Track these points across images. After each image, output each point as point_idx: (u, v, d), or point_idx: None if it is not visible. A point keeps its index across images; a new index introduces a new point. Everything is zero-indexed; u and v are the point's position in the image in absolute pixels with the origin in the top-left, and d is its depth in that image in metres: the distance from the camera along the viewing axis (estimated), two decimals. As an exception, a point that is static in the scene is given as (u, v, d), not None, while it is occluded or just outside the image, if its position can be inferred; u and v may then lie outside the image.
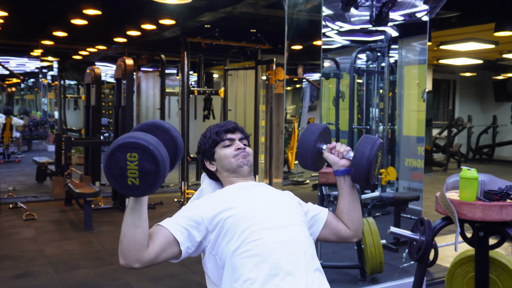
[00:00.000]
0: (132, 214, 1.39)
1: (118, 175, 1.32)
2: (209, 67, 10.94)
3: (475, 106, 13.88)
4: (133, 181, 1.32)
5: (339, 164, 1.70)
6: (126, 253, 1.39)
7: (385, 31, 5.16)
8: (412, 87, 5.44)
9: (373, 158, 1.62)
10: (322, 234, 1.74)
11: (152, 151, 1.32)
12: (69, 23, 6.32)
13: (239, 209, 1.55)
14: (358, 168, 1.63)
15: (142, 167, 1.32)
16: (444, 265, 4.17)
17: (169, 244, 1.47)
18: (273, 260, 1.47)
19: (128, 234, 1.39)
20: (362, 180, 1.66)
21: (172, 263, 4.16)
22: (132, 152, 1.31)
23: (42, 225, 5.45)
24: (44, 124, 11.46)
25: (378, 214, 5.38)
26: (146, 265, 1.43)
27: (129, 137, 1.33)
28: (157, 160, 1.32)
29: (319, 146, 1.73)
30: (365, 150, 1.62)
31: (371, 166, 1.62)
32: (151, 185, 1.34)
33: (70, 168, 6.28)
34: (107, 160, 1.32)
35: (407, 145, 5.54)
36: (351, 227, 1.76)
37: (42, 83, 12.16)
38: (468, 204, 2.42)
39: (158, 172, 1.33)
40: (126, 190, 1.33)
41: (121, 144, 1.32)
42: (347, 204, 1.75)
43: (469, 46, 7.69)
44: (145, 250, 1.41)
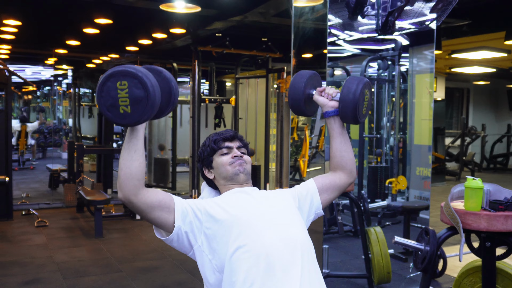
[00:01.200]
0: (128, 147, 1.46)
1: (110, 105, 1.38)
2: (222, 75, 11.00)
3: (489, 115, 13.74)
4: (125, 109, 1.38)
5: (328, 105, 1.75)
6: (123, 186, 1.46)
7: (396, 40, 5.15)
8: (423, 96, 5.41)
9: (360, 94, 1.66)
10: (323, 200, 1.77)
11: (141, 77, 1.38)
12: (82, 32, 6.41)
13: (238, 211, 1.58)
14: (345, 104, 1.68)
15: (132, 94, 1.38)
16: (453, 275, 4.12)
17: (168, 208, 1.53)
18: (270, 260, 1.49)
19: (124, 167, 1.45)
20: (349, 116, 1.69)
21: (179, 270, 4.18)
22: (122, 80, 1.37)
23: (53, 232, 5.50)
24: (59, 131, 11.59)
25: (388, 223, 5.35)
26: (141, 206, 1.49)
27: (118, 67, 1.39)
28: (146, 86, 1.38)
29: (310, 91, 1.78)
30: (351, 86, 1.67)
31: (358, 102, 1.66)
32: (142, 112, 1.39)
33: (81, 175, 6.35)
34: (99, 91, 1.39)
35: (418, 154, 5.50)
36: (346, 169, 1.78)
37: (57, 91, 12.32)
38: (473, 214, 2.41)
39: (148, 98, 1.38)
40: (119, 119, 1.40)
41: (110, 73, 1.38)
42: (338, 145, 1.78)
43: (481, 54, 7.63)
44: (142, 188, 1.48)
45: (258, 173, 6.93)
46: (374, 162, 5.78)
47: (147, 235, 5.44)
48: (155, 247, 4.96)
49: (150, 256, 4.67)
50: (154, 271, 4.22)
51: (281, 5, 5.16)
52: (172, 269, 4.29)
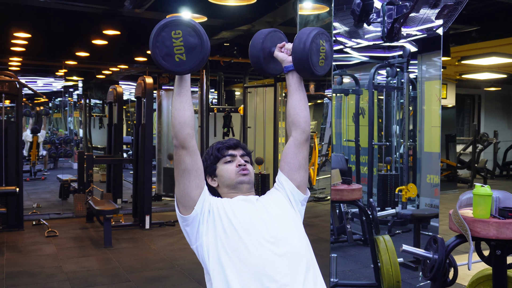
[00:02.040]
0: (180, 97, 1.54)
1: (165, 54, 1.43)
2: (231, 84, 11.03)
3: (501, 121, 13.60)
4: (180, 57, 1.44)
5: (287, 60, 1.73)
6: (179, 134, 1.53)
7: (404, 47, 5.12)
8: (433, 103, 5.37)
9: (310, 43, 1.62)
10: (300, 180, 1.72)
11: (194, 25, 1.44)
12: (91, 43, 6.48)
13: (240, 220, 1.58)
14: (297, 54, 1.64)
15: (187, 41, 1.43)
16: (464, 284, 4.06)
17: (200, 182, 1.61)
18: (269, 273, 1.49)
19: (178, 117, 1.53)
20: (305, 68, 1.66)
21: (188, 279, 4.16)
22: (176, 30, 1.42)
23: (63, 242, 5.52)
24: (70, 142, 11.67)
25: (398, 232, 5.29)
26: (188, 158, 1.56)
27: (170, 17, 1.44)
28: (200, 33, 1.44)
29: (271, 48, 1.76)
30: (302, 36, 1.65)
31: (310, 52, 1.63)
32: (197, 59, 1.45)
33: (91, 185, 6.38)
34: (154, 42, 1.43)
35: (429, 162, 5.45)
36: (299, 128, 1.73)
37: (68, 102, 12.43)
38: (482, 222, 2.37)
39: (203, 44, 1.45)
40: (175, 67, 1.45)
41: (164, 24, 1.42)
42: (294, 102, 1.74)
43: (491, 60, 7.58)
44: (194, 141, 1.57)
45: (267, 182, 6.92)
46: (384, 170, 5.74)
47: (156, 244, 5.43)
48: (164, 256, 4.95)
49: (159, 265, 4.66)
50: (163, 281, 4.21)
51: (288, 13, 5.17)
52: (181, 278, 4.28)
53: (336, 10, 3.74)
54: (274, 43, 1.77)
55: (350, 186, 3.86)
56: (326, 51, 1.70)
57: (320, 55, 1.68)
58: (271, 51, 1.76)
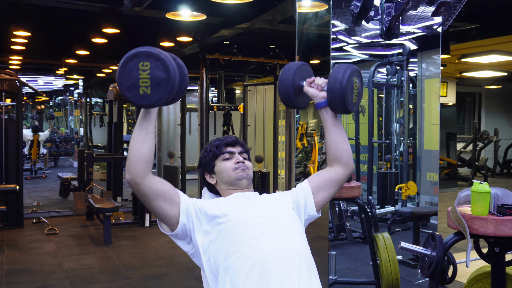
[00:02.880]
0: (140, 130, 1.47)
1: (131, 85, 1.38)
2: (231, 83, 11.02)
3: (502, 119, 13.59)
4: (145, 90, 1.38)
5: (319, 96, 1.72)
6: (132, 168, 1.46)
7: (404, 44, 5.12)
8: (433, 101, 5.37)
9: (346, 82, 1.62)
10: (320, 200, 1.73)
11: (164, 59, 1.38)
12: (90, 41, 6.47)
13: (237, 215, 1.58)
14: (332, 94, 1.64)
15: (154, 75, 1.37)
16: (463, 281, 4.06)
17: (172, 201, 1.54)
18: (266, 266, 1.49)
19: (135, 149, 1.46)
20: (338, 106, 1.66)
21: (187, 277, 4.17)
22: (144, 61, 1.37)
23: (63, 240, 5.53)
24: (71, 140, 11.67)
25: (398, 230, 5.30)
26: (146, 191, 1.49)
27: (141, 48, 1.38)
28: (169, 68, 1.38)
29: (299, 82, 1.75)
30: (337, 75, 1.63)
31: (345, 91, 1.62)
32: (162, 94, 1.39)
33: (91, 183, 6.38)
34: (120, 71, 1.38)
35: (429, 159, 5.45)
36: (342, 161, 1.74)
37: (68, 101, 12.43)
38: (480, 219, 2.37)
39: (169, 80, 1.38)
40: (138, 99, 1.39)
41: (134, 53, 1.38)
42: (332, 136, 1.74)
43: (491, 58, 7.57)
44: (150, 173, 1.49)
45: (267, 180, 6.91)
46: (383, 168, 5.74)
47: (156, 242, 5.44)
48: (164, 254, 4.95)
49: (159, 263, 4.67)
50: (162, 278, 4.22)
51: (287, 11, 5.16)
52: (180, 276, 4.29)
53: (336, 7, 3.74)
54: (302, 77, 1.76)
55: (349, 183, 3.85)
56: (358, 87, 1.71)
57: (353, 92, 1.68)
58: (300, 85, 1.75)
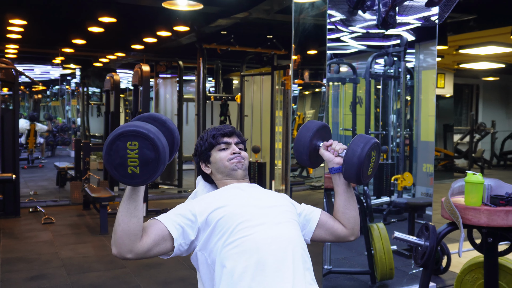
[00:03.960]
0: (128, 203, 1.40)
1: (118, 164, 1.32)
2: (228, 73, 11.00)
3: (499, 111, 13.61)
4: (133, 170, 1.33)
5: (333, 161, 1.71)
6: (119, 243, 1.40)
7: (401, 35, 5.11)
8: (430, 92, 5.37)
9: (365, 157, 1.61)
10: (317, 234, 1.74)
11: (153, 139, 1.33)
12: (87, 30, 6.45)
13: (231, 207, 1.57)
14: (348, 166, 1.63)
15: (143, 155, 1.32)
16: (457, 272, 4.08)
17: (163, 239, 1.48)
18: (261, 256, 1.48)
19: (122, 223, 1.39)
20: (353, 178, 1.65)
21: (182, 266, 4.18)
22: (132, 141, 1.32)
23: (59, 229, 5.54)
24: (68, 130, 11.67)
25: (393, 220, 5.32)
26: (138, 257, 1.44)
27: (129, 126, 1.34)
28: (158, 148, 1.33)
29: (316, 142, 1.74)
30: (357, 148, 1.62)
31: (362, 165, 1.61)
32: (151, 173, 1.34)
33: (88, 173, 6.39)
34: (107, 150, 1.32)
35: (425, 151, 5.46)
36: (348, 226, 1.74)
37: (65, 90, 12.40)
38: (473, 209, 2.38)
39: (159, 160, 1.34)
40: (127, 179, 1.34)
41: (121, 132, 1.32)
42: (342, 202, 1.74)
43: (489, 50, 7.55)
44: (138, 241, 1.42)
45: (263, 170, 6.93)
46: (380, 159, 5.76)
47: (152, 232, 5.45)
48: (160, 244, 4.97)
49: (155, 253, 4.69)
50: (158, 267, 4.24)
51: (284, 1, 5.14)
52: (176, 265, 4.31)
53: (332, -3, 3.72)
54: (321, 137, 1.75)
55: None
56: (375, 161, 1.70)
57: (370, 165, 1.67)
58: (317, 146, 1.74)
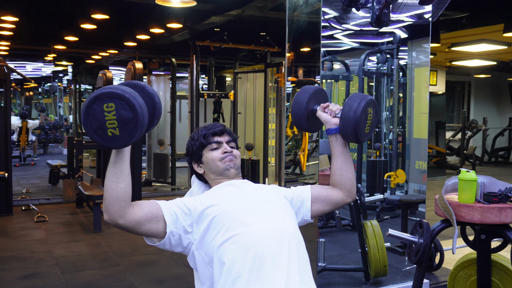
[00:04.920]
0: (114, 169, 1.42)
1: (98, 128, 1.33)
2: (221, 70, 10.98)
3: (491, 108, 13.70)
4: (113, 132, 1.33)
5: (331, 122, 1.73)
6: (109, 208, 1.42)
7: (394, 33, 5.13)
8: (423, 89, 5.40)
9: (361, 112, 1.63)
10: (315, 210, 1.75)
11: (128, 98, 1.33)
12: (79, 27, 6.41)
13: (226, 204, 1.58)
14: (346, 121, 1.65)
15: (120, 116, 1.33)
16: (450, 268, 4.11)
17: (156, 218, 1.50)
18: (258, 252, 1.49)
19: (110, 189, 1.42)
20: (350, 134, 1.67)
21: (177, 264, 4.18)
22: (108, 103, 1.32)
23: (52, 227, 5.52)
24: (60, 127, 11.61)
25: (386, 217, 5.34)
26: (129, 226, 1.46)
27: (103, 88, 1.34)
28: (134, 107, 1.33)
29: (313, 106, 1.75)
30: (353, 103, 1.64)
31: (359, 120, 1.63)
32: (131, 133, 1.35)
33: (81, 170, 6.36)
34: (84, 115, 1.33)
35: (418, 148, 5.49)
36: (345, 189, 1.75)
37: (57, 87, 12.33)
38: (467, 207, 2.40)
39: (137, 119, 1.34)
40: (107, 142, 1.35)
41: (96, 96, 1.33)
42: (339, 164, 1.75)
43: (481, 47, 7.59)
44: (129, 208, 1.45)
45: (257, 168, 6.93)
46: (373, 156, 5.77)
47: (146, 230, 5.44)
48: (154, 241, 4.96)
49: (148, 250, 4.68)
50: (152, 265, 4.23)
51: (277, -1, 5.15)
52: (170, 263, 4.30)
53: (326, -6, 3.72)
54: (317, 101, 1.76)
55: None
56: (372, 118, 1.71)
57: (367, 123, 1.68)
58: (314, 109, 1.75)
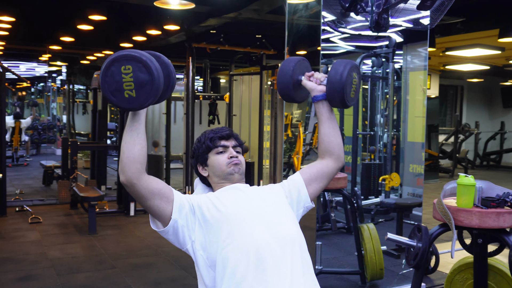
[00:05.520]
0: (131, 131, 1.47)
1: (115, 89, 1.38)
2: (216, 72, 10.99)
3: (483, 112, 13.80)
4: (129, 94, 1.39)
5: (317, 89, 1.76)
6: (126, 169, 1.46)
7: (390, 37, 5.16)
8: (417, 93, 5.44)
9: (347, 75, 1.67)
10: (312, 191, 1.76)
11: (145, 61, 1.38)
12: (76, 28, 6.39)
13: (229, 208, 1.60)
14: (332, 86, 1.69)
15: (137, 78, 1.38)
16: (445, 271, 4.14)
17: (166, 199, 1.54)
18: (261, 256, 1.51)
19: (127, 151, 1.46)
20: (337, 98, 1.70)
21: (173, 266, 4.18)
22: (126, 65, 1.37)
23: (47, 228, 5.49)
24: (53, 128, 11.55)
25: (381, 220, 5.37)
26: (141, 190, 1.49)
27: (121, 51, 1.39)
28: (151, 69, 1.39)
29: (298, 76, 1.79)
30: (339, 68, 1.68)
31: (345, 83, 1.67)
32: (147, 95, 1.40)
33: (75, 172, 6.34)
34: (103, 76, 1.39)
35: (412, 151, 5.52)
36: (333, 155, 1.77)
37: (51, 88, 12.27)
38: (465, 211, 2.42)
39: (153, 82, 1.39)
40: (124, 103, 1.40)
41: (114, 58, 1.38)
42: (326, 130, 1.77)
43: (475, 52, 7.66)
44: (144, 173, 1.49)
45: (252, 170, 6.94)
46: (367, 159, 5.80)
47: (141, 231, 5.44)
48: (149, 243, 4.96)
49: (144, 252, 4.67)
50: (148, 268, 4.23)
51: (275, 2, 5.16)
52: (166, 265, 4.30)
53: (325, -1, 3.74)
54: (301, 72, 1.80)
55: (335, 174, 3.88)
56: (357, 83, 1.75)
57: (352, 87, 1.73)
58: (299, 79, 1.79)
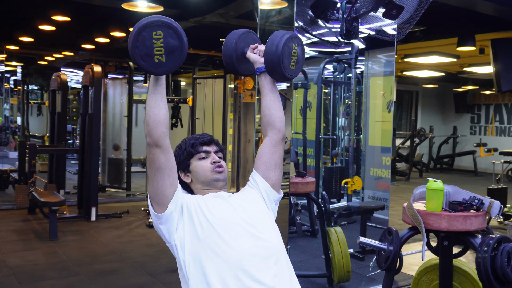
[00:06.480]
0: (155, 95, 1.52)
1: (145, 54, 1.42)
2: (177, 74, 10.90)
3: (437, 117, 14.27)
4: (159, 58, 1.43)
5: (259, 61, 1.76)
6: (153, 132, 1.52)
7: (353, 43, 5.27)
8: (377, 98, 5.57)
9: (283, 46, 1.66)
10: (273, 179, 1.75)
11: (176, 27, 1.45)
12: (37, 28, 6.21)
13: (215, 216, 1.60)
14: (269, 56, 1.67)
15: (168, 43, 1.44)
16: (408, 273, 4.27)
17: (173, 180, 1.59)
18: (244, 267, 1.52)
19: (153, 115, 1.52)
20: (276, 70, 1.69)
21: (139, 272, 4.12)
22: (157, 31, 1.42)
23: (4, 235, 5.30)
24: (6, 130, 11.15)
25: (344, 223, 5.47)
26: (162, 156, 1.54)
27: (152, 17, 1.43)
28: (181, 36, 1.45)
29: (243, 48, 1.79)
30: (275, 38, 1.68)
31: (282, 54, 1.66)
32: (176, 60, 1.47)
33: (34, 176, 6.15)
34: (133, 41, 1.41)
35: (372, 155, 5.65)
36: (275, 128, 1.77)
37: (4, 88, 11.85)
38: (434, 215, 2.51)
39: (183, 47, 1.46)
40: (154, 68, 1.45)
41: (145, 24, 1.41)
42: (268, 102, 1.77)
43: (432, 59, 7.93)
44: (167, 139, 1.56)
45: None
46: (328, 163, 5.89)
47: (104, 236, 5.33)
48: (113, 249, 4.87)
49: (108, 258, 4.59)
50: (113, 274, 4.15)
51: (243, 7, 5.17)
52: (132, 271, 4.24)
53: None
54: (247, 44, 1.79)
55: (304, 179, 3.94)
56: (298, 54, 1.73)
57: (291, 59, 1.71)
58: (244, 51, 1.78)
